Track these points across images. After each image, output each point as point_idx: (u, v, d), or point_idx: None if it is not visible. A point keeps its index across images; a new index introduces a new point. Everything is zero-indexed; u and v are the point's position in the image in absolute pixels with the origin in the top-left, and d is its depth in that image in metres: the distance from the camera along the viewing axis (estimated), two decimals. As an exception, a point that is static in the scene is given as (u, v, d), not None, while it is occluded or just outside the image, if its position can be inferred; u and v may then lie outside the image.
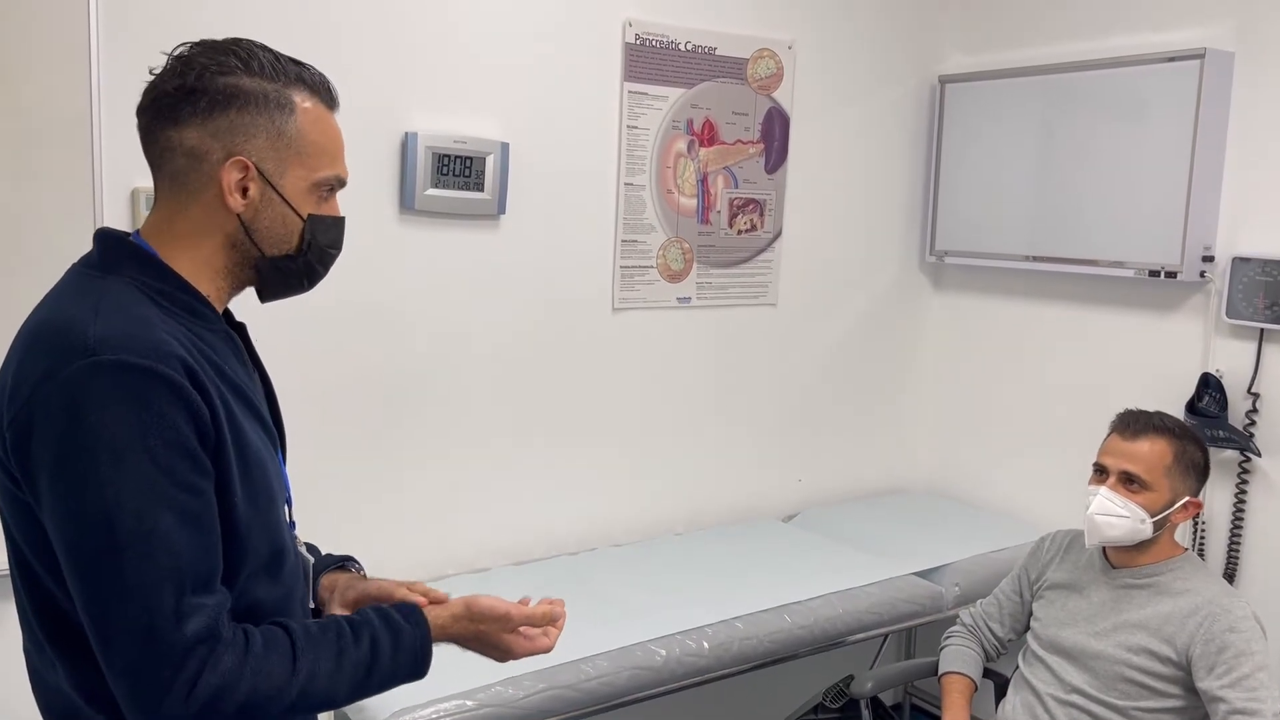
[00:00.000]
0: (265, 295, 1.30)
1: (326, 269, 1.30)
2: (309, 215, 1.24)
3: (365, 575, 1.46)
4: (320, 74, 1.26)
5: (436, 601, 1.33)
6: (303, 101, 1.22)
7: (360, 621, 1.21)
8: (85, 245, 1.22)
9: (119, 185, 2.13)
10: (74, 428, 1.05)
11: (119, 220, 2.13)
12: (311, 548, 1.44)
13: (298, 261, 1.26)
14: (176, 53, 1.20)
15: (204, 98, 1.17)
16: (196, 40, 1.21)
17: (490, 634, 1.30)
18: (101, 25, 2.07)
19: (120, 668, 1.06)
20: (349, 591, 1.40)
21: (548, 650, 1.33)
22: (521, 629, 1.31)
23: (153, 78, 1.20)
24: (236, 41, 1.21)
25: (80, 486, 1.05)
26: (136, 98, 1.99)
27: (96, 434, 1.05)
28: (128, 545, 1.05)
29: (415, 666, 1.23)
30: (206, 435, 1.11)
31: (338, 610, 1.38)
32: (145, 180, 2.14)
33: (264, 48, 1.22)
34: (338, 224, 1.29)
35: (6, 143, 2.00)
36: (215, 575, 1.11)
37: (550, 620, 1.33)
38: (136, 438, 1.05)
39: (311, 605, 1.37)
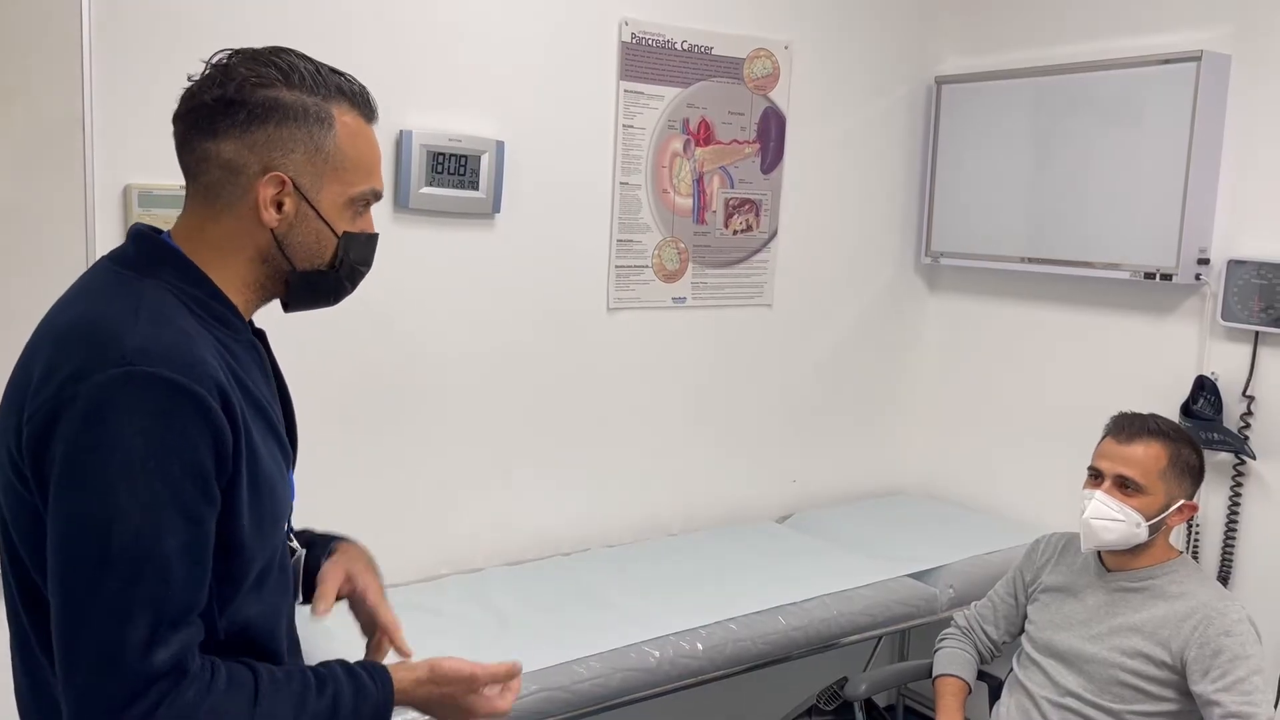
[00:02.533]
0: (291, 307, 1.29)
1: (355, 286, 1.29)
2: (344, 233, 1.23)
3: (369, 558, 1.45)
4: (360, 85, 1.24)
5: (401, 653, 1.33)
6: (342, 115, 1.20)
7: (326, 675, 1.19)
8: (78, 243, 1.22)
9: (111, 183, 2.11)
10: (93, 433, 1.03)
11: (111, 218, 2.11)
12: (305, 533, 1.43)
13: (328, 277, 1.25)
14: (215, 61, 1.18)
15: (243, 110, 1.15)
16: (237, 49, 1.19)
17: (456, 696, 1.29)
18: (94, 23, 2.06)
19: (79, 684, 1.03)
20: (352, 580, 1.39)
21: (505, 712, 1.32)
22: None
23: (190, 85, 1.18)
24: (277, 52, 1.19)
25: (85, 492, 1.03)
26: (129, 96, 1.97)
27: (114, 444, 1.02)
28: (118, 562, 1.02)
29: None
30: (225, 461, 1.09)
31: (329, 564, 1.38)
32: (137, 178, 2.14)
33: (305, 58, 1.20)
34: (371, 241, 1.28)
35: (-2, 139, 2.00)
36: (196, 609, 1.09)
37: (509, 677, 1.32)
38: (154, 456, 1.03)
39: (300, 600, 1.36)
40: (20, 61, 1.99)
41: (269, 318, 1.40)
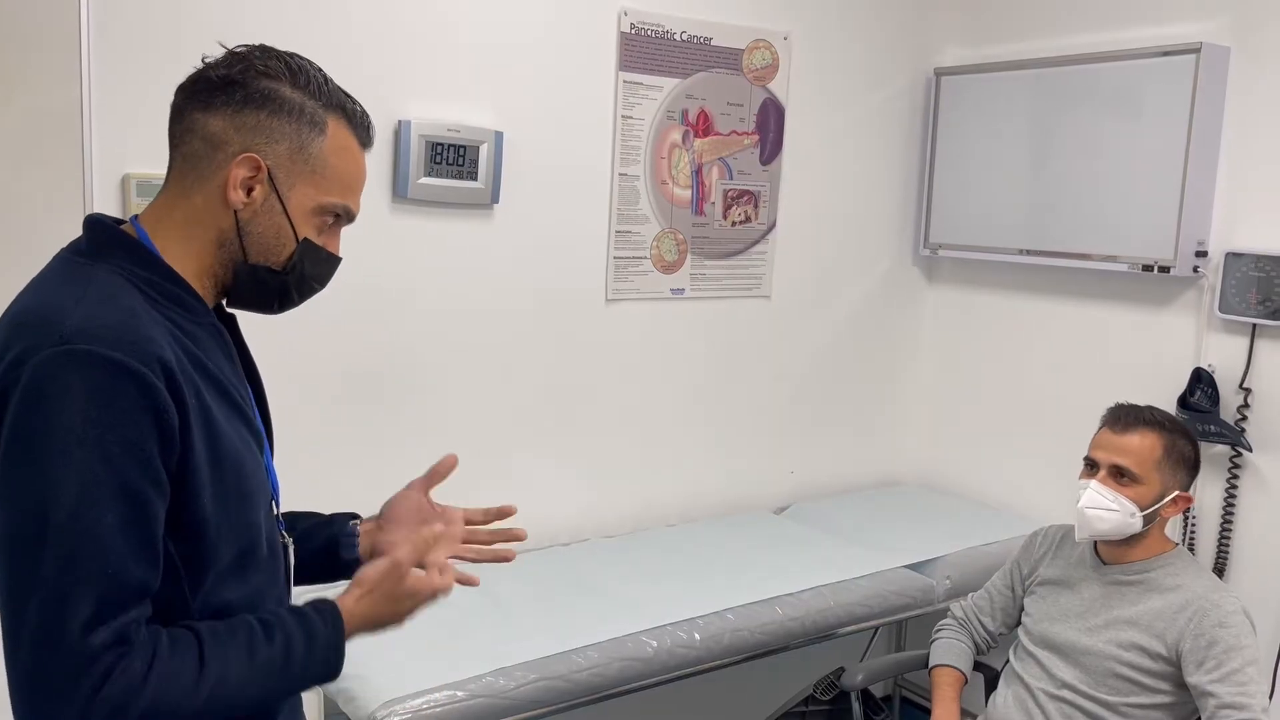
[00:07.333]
0: (231, 301, 1.26)
1: (303, 298, 1.27)
2: (304, 239, 1.22)
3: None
4: (365, 111, 1.26)
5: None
6: (337, 127, 1.22)
7: (273, 621, 1.18)
8: (77, 232, 1.21)
9: (110, 172, 2.11)
10: (32, 413, 1.03)
11: (109, 207, 2.11)
12: (313, 515, 1.45)
13: (277, 278, 1.23)
14: (234, 48, 1.21)
15: (240, 91, 1.17)
16: (259, 43, 1.22)
17: (392, 591, 1.25)
18: (93, 13, 2.06)
19: (22, 667, 1.02)
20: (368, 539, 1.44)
21: (447, 588, 1.29)
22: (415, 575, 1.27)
23: (203, 64, 1.21)
24: (294, 55, 1.22)
25: (24, 472, 1.03)
26: (127, 85, 1.98)
27: (52, 422, 1.03)
28: (55, 540, 1.02)
29: (329, 666, 1.21)
30: (170, 440, 1.08)
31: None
32: (136, 167, 2.14)
33: (319, 69, 1.23)
34: (331, 261, 1.27)
35: (-4, 128, 1.99)
36: (144, 589, 1.07)
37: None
38: (92, 433, 1.03)
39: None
40: (19, 51, 1.99)
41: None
